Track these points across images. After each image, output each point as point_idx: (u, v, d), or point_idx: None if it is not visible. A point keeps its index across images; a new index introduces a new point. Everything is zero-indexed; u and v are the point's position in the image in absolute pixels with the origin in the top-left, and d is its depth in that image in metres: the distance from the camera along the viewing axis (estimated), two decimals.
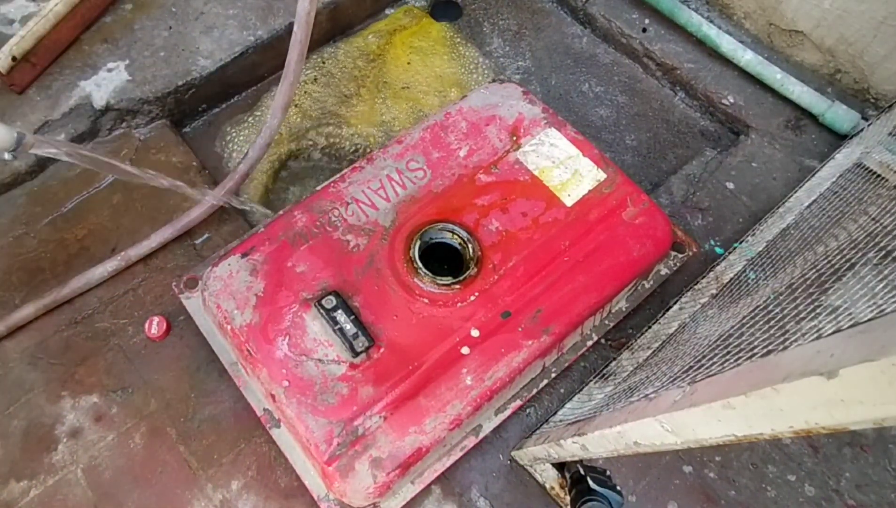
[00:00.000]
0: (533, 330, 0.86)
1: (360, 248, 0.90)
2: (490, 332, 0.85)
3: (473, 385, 0.81)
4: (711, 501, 0.91)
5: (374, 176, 0.97)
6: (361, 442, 0.77)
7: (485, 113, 1.05)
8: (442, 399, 0.80)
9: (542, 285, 0.89)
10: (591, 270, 0.91)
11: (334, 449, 0.76)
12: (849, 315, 0.48)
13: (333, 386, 0.80)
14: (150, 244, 1.03)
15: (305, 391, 0.79)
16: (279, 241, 0.90)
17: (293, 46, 0.97)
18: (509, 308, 0.87)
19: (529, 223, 0.94)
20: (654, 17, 1.43)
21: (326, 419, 0.77)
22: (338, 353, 0.81)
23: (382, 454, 0.77)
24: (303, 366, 0.81)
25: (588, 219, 0.95)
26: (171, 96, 1.21)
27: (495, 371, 0.83)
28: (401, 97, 1.34)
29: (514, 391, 0.88)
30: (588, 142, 1.03)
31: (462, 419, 0.80)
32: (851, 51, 1.25)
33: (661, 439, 0.53)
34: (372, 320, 0.84)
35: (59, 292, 0.98)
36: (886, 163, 1.04)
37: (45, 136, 0.94)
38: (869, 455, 0.96)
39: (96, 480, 0.88)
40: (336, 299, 0.84)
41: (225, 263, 0.89)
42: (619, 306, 0.96)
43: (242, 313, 0.84)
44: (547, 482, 0.90)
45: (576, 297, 0.89)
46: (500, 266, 0.89)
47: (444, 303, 0.86)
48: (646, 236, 0.95)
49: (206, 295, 0.88)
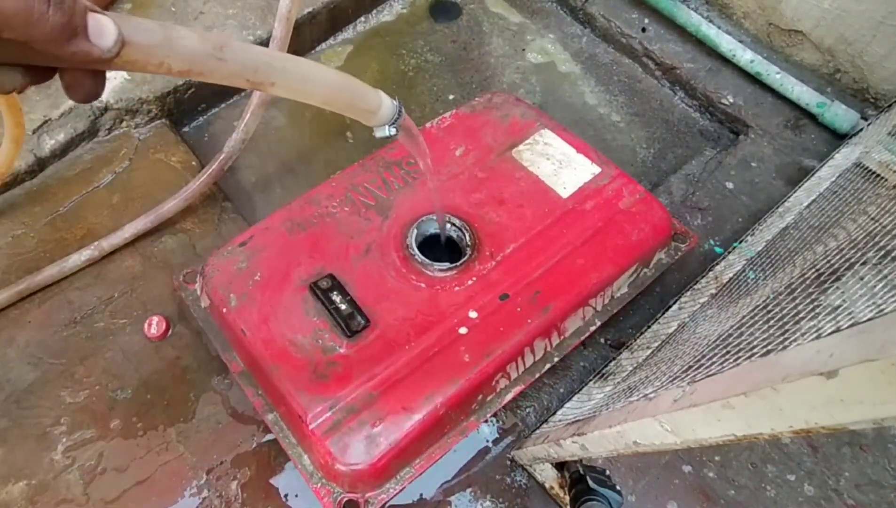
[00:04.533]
0: (532, 309, 0.86)
1: (358, 237, 0.91)
2: (488, 313, 0.85)
3: (472, 363, 0.81)
4: (711, 500, 0.92)
5: (373, 172, 0.99)
6: (356, 418, 0.76)
7: (479, 118, 1.07)
8: (439, 377, 0.80)
9: (540, 270, 0.90)
10: (590, 253, 0.92)
11: (328, 424, 0.76)
12: (848, 315, 0.48)
13: (328, 365, 0.79)
14: (123, 235, 1.04)
15: (299, 370, 0.79)
16: (277, 230, 0.91)
17: (272, 43, 0.97)
18: (507, 291, 0.87)
19: (526, 213, 0.95)
20: (654, 17, 1.43)
21: (320, 397, 0.77)
22: (333, 333, 0.82)
23: (378, 429, 0.76)
24: (297, 345, 0.81)
25: (584, 208, 0.96)
26: (171, 96, 1.21)
27: (494, 348, 0.83)
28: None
29: (516, 374, 0.88)
30: (582, 141, 1.04)
31: (461, 396, 0.80)
32: (851, 50, 1.25)
33: (660, 439, 0.53)
34: (368, 303, 0.84)
35: (32, 279, 0.99)
36: (886, 162, 1.04)
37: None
38: (868, 455, 0.96)
39: (96, 480, 0.88)
40: (332, 281, 0.85)
41: (223, 251, 0.90)
42: (621, 292, 0.97)
43: (238, 296, 0.85)
44: (546, 481, 0.90)
45: (575, 278, 0.90)
46: (497, 252, 0.91)
47: (441, 287, 0.87)
48: (643, 223, 0.96)
49: (203, 282, 0.89)
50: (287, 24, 0.95)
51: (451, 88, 1.39)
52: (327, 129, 1.31)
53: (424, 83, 1.39)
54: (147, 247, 1.07)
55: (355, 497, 0.79)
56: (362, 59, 1.42)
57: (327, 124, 1.32)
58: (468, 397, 0.82)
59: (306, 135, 1.30)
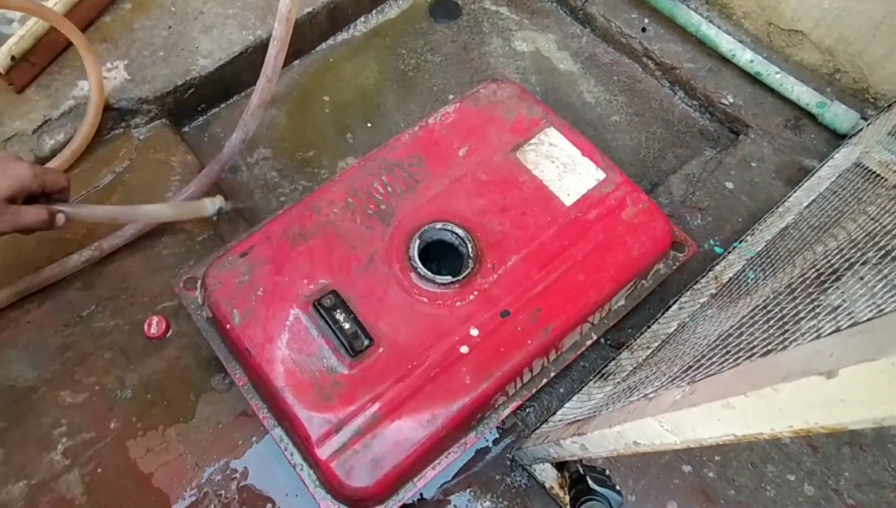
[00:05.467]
0: (532, 329, 0.86)
1: (360, 247, 0.90)
2: (489, 331, 0.85)
3: (472, 384, 0.81)
4: (711, 500, 0.92)
5: (374, 175, 0.97)
6: (360, 441, 0.77)
7: (484, 113, 1.05)
8: (441, 398, 0.80)
9: (541, 285, 0.89)
10: (591, 269, 0.91)
11: (333, 447, 0.76)
12: (848, 315, 0.48)
13: (332, 385, 0.79)
14: (123, 235, 1.04)
15: (304, 390, 0.79)
16: (278, 240, 0.90)
17: (272, 44, 0.97)
18: (508, 307, 0.86)
19: (528, 222, 0.94)
20: (654, 17, 1.43)
21: (325, 417, 0.77)
22: (337, 352, 0.81)
23: (381, 451, 0.77)
24: (302, 365, 0.81)
25: (587, 218, 0.95)
26: (171, 96, 1.21)
27: (494, 370, 0.82)
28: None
29: (514, 391, 0.88)
30: (587, 142, 1.03)
31: (461, 417, 0.80)
32: (850, 50, 1.25)
33: (660, 438, 0.53)
34: (371, 319, 0.84)
35: (32, 279, 0.99)
36: (886, 162, 1.04)
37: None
38: (868, 455, 0.96)
39: (96, 480, 0.88)
40: (335, 299, 0.84)
41: (223, 262, 0.89)
42: (618, 305, 0.96)
43: (241, 312, 0.84)
44: (546, 481, 0.90)
45: (575, 296, 0.89)
46: (499, 265, 0.89)
47: (443, 302, 0.86)
48: (645, 236, 0.95)
49: (204, 294, 0.88)
50: (287, 25, 0.95)
51: (451, 88, 1.39)
52: (327, 129, 1.31)
53: (424, 83, 1.39)
54: (147, 247, 1.07)
55: None
56: (362, 59, 1.42)
57: (328, 124, 1.32)
58: (468, 417, 0.82)
59: (306, 135, 1.30)
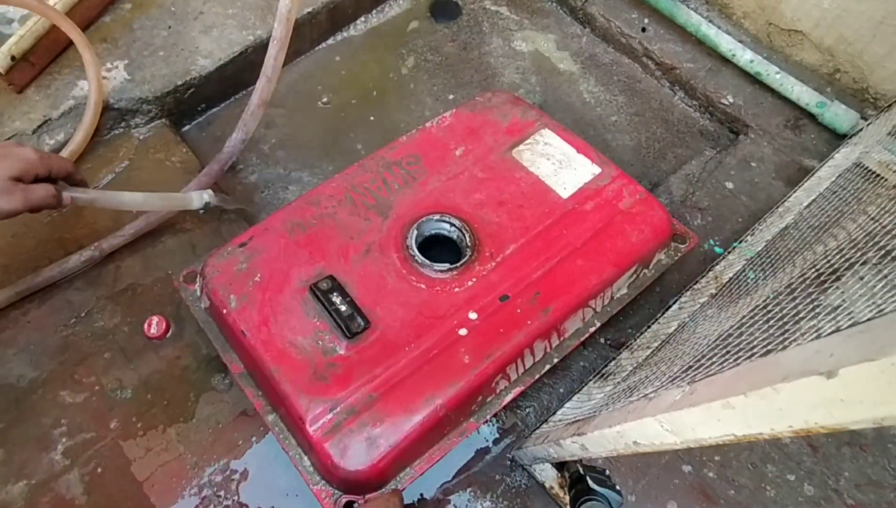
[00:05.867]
0: (532, 311, 0.86)
1: (358, 238, 0.91)
2: (488, 314, 0.85)
3: (471, 364, 0.81)
4: (710, 500, 0.92)
5: (373, 172, 0.99)
6: (356, 420, 0.76)
7: (479, 117, 1.07)
8: (439, 379, 0.80)
9: (540, 271, 0.90)
10: (589, 254, 0.92)
11: (327, 427, 0.76)
12: (848, 315, 0.48)
13: (328, 366, 0.79)
14: (123, 235, 1.04)
15: (299, 372, 0.79)
16: (277, 231, 0.91)
17: (272, 43, 0.97)
18: (507, 292, 0.87)
19: (526, 214, 0.95)
20: (654, 17, 1.43)
21: (320, 398, 0.77)
22: (333, 334, 0.82)
23: (378, 431, 0.76)
24: (297, 347, 0.81)
25: (584, 208, 0.96)
26: (171, 96, 1.21)
27: (494, 350, 0.82)
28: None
29: (516, 376, 0.88)
30: (582, 140, 1.04)
31: (461, 398, 0.80)
32: (851, 50, 1.25)
33: (660, 438, 0.53)
34: (368, 303, 0.84)
35: (32, 279, 0.99)
36: (886, 162, 1.04)
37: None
38: (868, 455, 0.96)
39: (95, 480, 0.88)
40: (332, 282, 0.85)
41: (223, 252, 0.90)
42: (620, 293, 0.97)
43: (238, 297, 0.85)
44: (546, 481, 0.90)
45: (574, 279, 0.90)
46: (497, 253, 0.90)
47: (441, 288, 0.87)
48: (643, 223, 0.96)
49: (203, 283, 0.89)
50: (287, 24, 0.95)
51: (451, 87, 1.39)
52: (328, 129, 1.31)
53: (424, 83, 1.39)
54: (147, 247, 1.07)
55: (355, 499, 0.79)
56: (362, 58, 1.42)
57: (328, 125, 1.32)
58: (468, 398, 0.82)
59: (306, 135, 1.30)
